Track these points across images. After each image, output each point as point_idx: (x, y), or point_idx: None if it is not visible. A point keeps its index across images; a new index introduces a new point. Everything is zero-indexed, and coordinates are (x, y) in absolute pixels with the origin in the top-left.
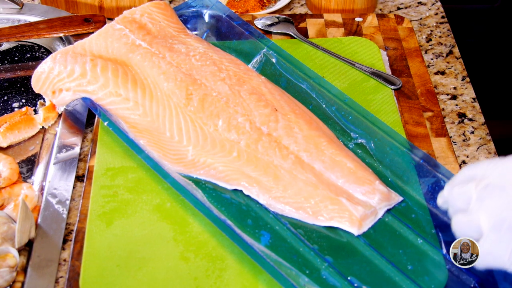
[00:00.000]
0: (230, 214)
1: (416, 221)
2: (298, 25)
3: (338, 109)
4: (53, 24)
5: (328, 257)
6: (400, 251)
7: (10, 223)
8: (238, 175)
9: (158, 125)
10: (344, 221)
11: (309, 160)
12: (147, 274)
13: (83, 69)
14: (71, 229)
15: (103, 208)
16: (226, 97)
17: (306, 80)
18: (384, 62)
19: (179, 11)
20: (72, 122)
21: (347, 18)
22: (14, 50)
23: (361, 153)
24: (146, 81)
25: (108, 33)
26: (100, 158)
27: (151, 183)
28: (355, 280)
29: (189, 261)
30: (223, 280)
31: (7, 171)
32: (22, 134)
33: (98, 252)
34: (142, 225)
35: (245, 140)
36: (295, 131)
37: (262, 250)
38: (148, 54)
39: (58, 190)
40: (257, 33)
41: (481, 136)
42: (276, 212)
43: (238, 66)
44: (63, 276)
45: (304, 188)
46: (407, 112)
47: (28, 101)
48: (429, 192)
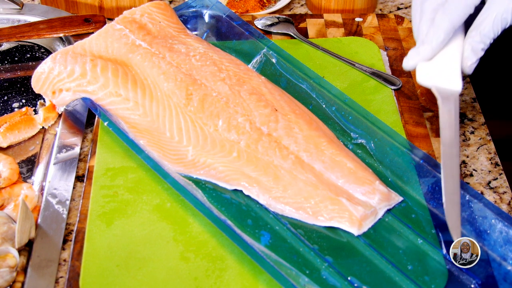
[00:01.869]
0: (230, 214)
1: (416, 221)
2: (298, 25)
3: (338, 109)
4: (53, 24)
5: (328, 257)
6: (400, 251)
7: (10, 223)
8: (238, 175)
9: (158, 125)
10: (344, 221)
11: (309, 160)
12: (147, 274)
13: (83, 69)
14: (71, 229)
15: (103, 208)
16: (226, 97)
17: (306, 80)
18: (384, 62)
19: (179, 11)
20: (72, 122)
21: (347, 18)
22: (14, 50)
23: (361, 153)
24: (146, 81)
25: (108, 33)
26: (100, 158)
27: (151, 183)
28: (355, 280)
29: (189, 261)
30: (223, 280)
31: (7, 171)
32: (22, 134)
33: (98, 252)
34: (142, 225)
35: (245, 140)
36: (295, 131)
37: (262, 250)
38: (148, 54)
39: (58, 190)
40: (257, 33)
41: (481, 136)
42: (276, 212)
43: (238, 66)
44: (63, 276)
45: (304, 188)
46: (407, 112)
47: (28, 101)
48: (429, 192)
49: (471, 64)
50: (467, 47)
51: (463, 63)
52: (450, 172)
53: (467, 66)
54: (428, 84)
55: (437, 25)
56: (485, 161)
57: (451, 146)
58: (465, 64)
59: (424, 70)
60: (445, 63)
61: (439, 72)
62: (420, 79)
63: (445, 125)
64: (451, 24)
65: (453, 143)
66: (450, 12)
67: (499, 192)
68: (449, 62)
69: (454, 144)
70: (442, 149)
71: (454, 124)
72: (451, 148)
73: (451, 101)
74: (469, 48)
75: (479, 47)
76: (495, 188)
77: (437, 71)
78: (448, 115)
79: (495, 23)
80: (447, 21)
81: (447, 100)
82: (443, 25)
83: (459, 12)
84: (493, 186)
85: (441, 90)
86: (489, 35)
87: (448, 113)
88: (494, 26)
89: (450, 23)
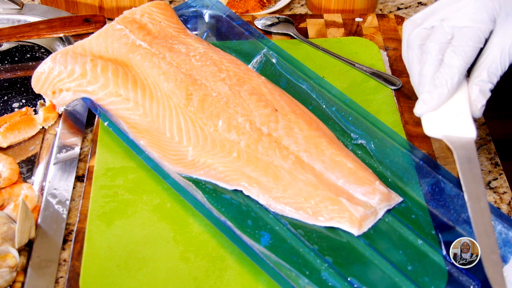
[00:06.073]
0: (230, 214)
1: (416, 221)
2: (298, 25)
3: (338, 110)
4: (53, 24)
5: (328, 258)
6: (400, 251)
7: (10, 223)
8: (238, 176)
9: (158, 126)
10: (344, 222)
11: (309, 160)
12: (147, 274)
13: (83, 69)
14: (71, 229)
15: (103, 208)
16: (226, 98)
17: (306, 81)
18: (384, 63)
19: (179, 11)
20: (72, 122)
21: (347, 18)
22: (14, 50)
23: (361, 153)
24: (146, 82)
25: (108, 33)
26: (100, 158)
27: (151, 183)
28: (355, 281)
29: (189, 261)
30: (223, 280)
31: (7, 171)
32: (22, 134)
33: (98, 252)
34: (142, 225)
35: (245, 140)
36: (295, 131)
37: (262, 252)
38: (148, 54)
39: (58, 190)
40: (257, 33)
41: (481, 136)
42: (276, 212)
43: (238, 66)
44: (63, 276)
45: (304, 188)
46: (407, 112)
47: (28, 101)
48: (429, 193)
49: (481, 107)
50: (474, 88)
51: (472, 106)
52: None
53: (477, 109)
54: (438, 135)
55: (449, 65)
56: (485, 161)
57: (478, 199)
58: (474, 107)
59: (431, 120)
60: (452, 109)
61: (449, 121)
62: (428, 131)
63: (467, 176)
64: (464, 62)
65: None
66: (461, 49)
67: (499, 192)
68: (457, 108)
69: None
70: (469, 204)
71: (477, 174)
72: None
73: (468, 150)
74: (476, 89)
75: (487, 87)
76: (495, 188)
77: (446, 119)
78: (469, 164)
79: (503, 57)
80: (460, 59)
81: (464, 149)
82: (457, 64)
83: (471, 48)
84: (493, 186)
85: (454, 140)
86: (497, 73)
87: (468, 163)
88: (502, 61)
89: (464, 61)
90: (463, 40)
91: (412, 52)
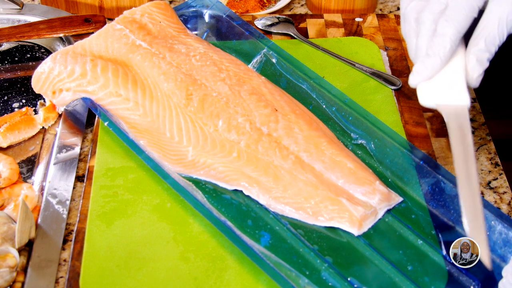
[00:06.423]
0: (230, 215)
1: (416, 221)
2: (298, 25)
3: (338, 110)
4: (53, 24)
5: (328, 258)
6: (400, 251)
7: (10, 223)
8: (238, 176)
9: (158, 126)
10: (344, 222)
11: (309, 160)
12: (147, 274)
13: (83, 69)
14: (71, 229)
15: (103, 208)
16: (226, 98)
17: (306, 81)
18: (384, 62)
19: (179, 11)
20: (72, 122)
21: (347, 18)
22: (14, 50)
23: (361, 153)
24: (146, 82)
25: (108, 33)
26: (100, 158)
27: (151, 183)
28: (355, 281)
29: (189, 261)
30: (223, 280)
31: (7, 171)
32: (22, 134)
33: (98, 252)
34: (142, 225)
35: (245, 140)
36: (295, 131)
37: (262, 252)
38: (148, 54)
39: (58, 190)
40: (257, 33)
41: (481, 136)
42: (276, 212)
43: (238, 66)
44: (63, 276)
45: (304, 188)
46: (407, 112)
47: (28, 101)
48: (429, 193)
49: (478, 76)
50: (471, 57)
51: (469, 75)
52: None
53: (473, 78)
54: (432, 104)
55: (441, 34)
56: (485, 161)
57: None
58: (471, 76)
59: (426, 90)
60: (448, 79)
61: (443, 90)
62: (423, 101)
63: (457, 143)
64: (456, 31)
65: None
66: (454, 18)
67: (499, 192)
68: (452, 77)
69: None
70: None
71: (468, 143)
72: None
73: (461, 117)
74: (473, 58)
75: (484, 56)
76: (495, 188)
77: (440, 88)
78: (460, 132)
79: (501, 26)
80: (453, 28)
81: (456, 117)
82: (449, 33)
83: (464, 16)
84: (493, 186)
85: (447, 109)
86: (494, 41)
87: (460, 130)
88: (500, 30)
89: (456, 30)
90: (456, 8)
91: (408, 25)
